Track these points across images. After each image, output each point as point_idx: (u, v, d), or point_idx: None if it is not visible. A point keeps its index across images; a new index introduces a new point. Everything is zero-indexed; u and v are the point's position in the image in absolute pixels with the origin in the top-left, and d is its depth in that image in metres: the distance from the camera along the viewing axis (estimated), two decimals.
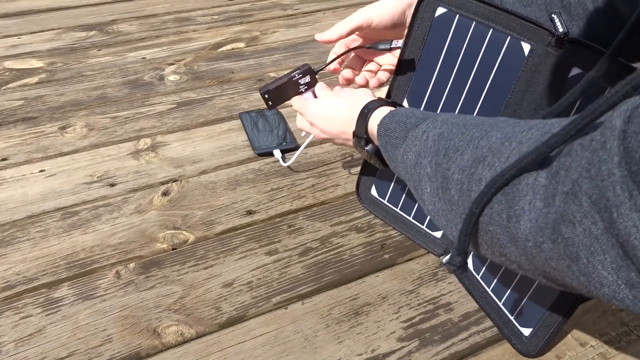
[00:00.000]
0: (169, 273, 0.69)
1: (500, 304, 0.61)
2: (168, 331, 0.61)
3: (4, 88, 1.10)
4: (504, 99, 0.59)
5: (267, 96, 0.69)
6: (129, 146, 0.93)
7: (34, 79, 1.13)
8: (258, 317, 0.63)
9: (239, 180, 0.85)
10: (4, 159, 0.89)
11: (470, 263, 0.66)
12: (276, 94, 0.70)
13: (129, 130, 0.97)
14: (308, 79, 0.69)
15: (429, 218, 0.71)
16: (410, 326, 0.62)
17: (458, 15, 0.59)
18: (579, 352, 0.60)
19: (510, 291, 0.60)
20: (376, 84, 0.71)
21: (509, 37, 0.56)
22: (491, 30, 0.57)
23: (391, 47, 0.64)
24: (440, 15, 0.60)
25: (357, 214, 0.78)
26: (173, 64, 1.20)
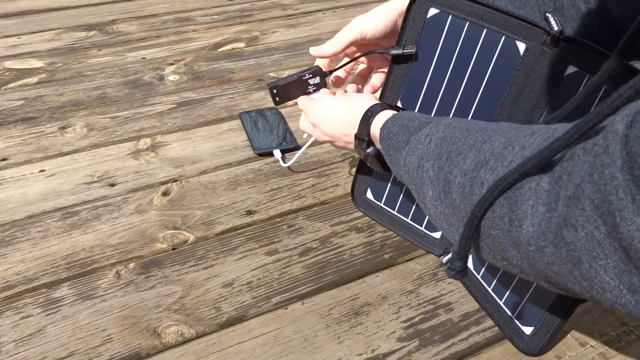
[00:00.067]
0: (169, 273, 0.69)
1: (501, 303, 0.61)
2: (168, 331, 0.61)
3: (4, 88, 1.10)
4: (500, 98, 0.58)
5: (275, 91, 0.69)
6: (129, 146, 0.93)
7: (34, 79, 1.13)
8: (258, 317, 0.63)
9: (239, 180, 0.85)
10: (4, 159, 0.89)
11: (470, 263, 0.66)
12: (284, 91, 0.70)
13: (129, 130, 0.97)
14: (318, 80, 0.69)
15: (427, 219, 0.71)
16: (410, 326, 0.62)
17: (451, 16, 0.58)
18: (579, 352, 0.60)
19: (510, 290, 0.60)
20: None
21: (504, 37, 0.56)
22: (485, 30, 0.57)
23: (404, 53, 0.62)
24: (432, 16, 0.60)
25: (357, 214, 0.78)
26: (173, 64, 1.20)
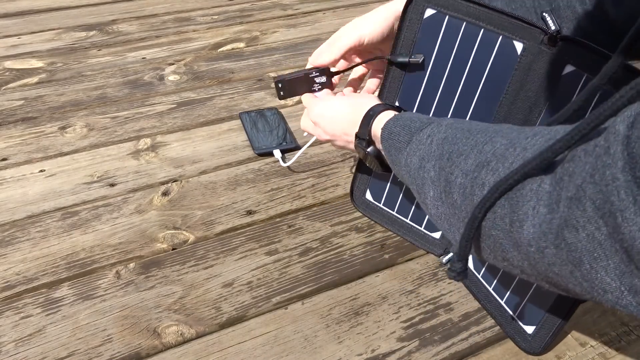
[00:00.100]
0: (169, 273, 0.69)
1: (502, 303, 0.61)
2: (168, 331, 0.61)
3: (4, 88, 1.10)
4: (498, 98, 0.58)
5: (281, 85, 0.69)
6: (129, 146, 0.93)
7: (34, 79, 1.13)
8: (258, 317, 0.63)
9: (239, 180, 0.85)
10: (4, 159, 0.89)
11: (470, 263, 0.66)
12: (289, 86, 0.69)
13: (129, 130, 0.97)
14: (324, 79, 0.69)
15: (426, 219, 0.71)
16: (410, 326, 0.62)
17: (448, 16, 0.58)
18: (579, 352, 0.60)
19: (511, 290, 0.60)
20: None
21: (501, 37, 0.56)
22: (482, 30, 0.56)
23: (410, 61, 0.62)
24: (429, 16, 0.60)
25: (357, 214, 0.78)
26: (173, 64, 1.20)
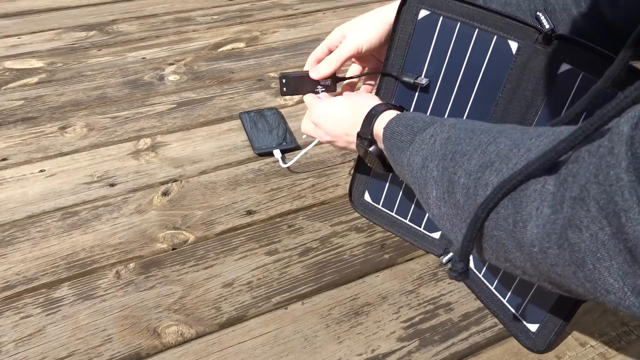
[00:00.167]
0: (169, 273, 0.69)
1: (504, 302, 0.61)
2: (168, 331, 0.61)
3: (4, 88, 1.10)
4: (495, 98, 0.58)
5: (285, 81, 0.69)
6: (129, 146, 0.93)
7: (34, 79, 1.13)
8: (258, 317, 0.63)
9: (239, 180, 0.85)
10: (4, 159, 0.89)
11: (471, 261, 0.66)
12: (293, 83, 0.69)
13: (129, 130, 0.97)
14: (328, 82, 0.69)
15: (426, 219, 0.71)
16: (410, 326, 0.62)
17: (442, 17, 0.58)
18: (579, 352, 0.60)
19: (514, 288, 0.60)
20: None
21: (496, 37, 0.56)
22: (477, 30, 0.56)
23: (414, 82, 0.62)
24: (423, 17, 0.59)
25: (357, 214, 0.78)
26: (173, 64, 1.20)
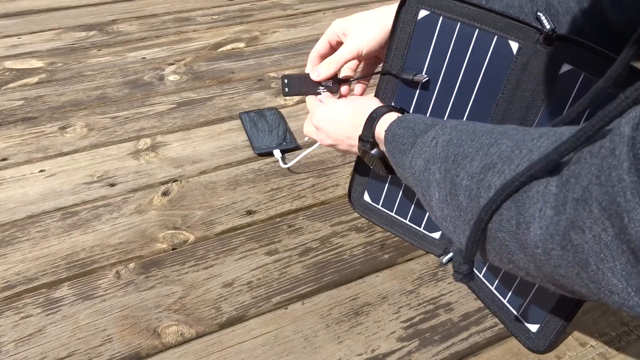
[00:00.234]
0: (169, 273, 0.69)
1: (505, 301, 0.61)
2: (168, 331, 0.61)
3: (4, 88, 1.10)
4: (495, 98, 0.58)
5: (287, 81, 0.69)
6: (129, 146, 0.93)
7: (34, 79, 1.13)
8: (258, 317, 0.63)
9: (239, 180, 0.85)
10: (4, 159, 0.89)
11: None
12: (295, 83, 0.69)
13: (129, 130, 0.97)
14: (330, 83, 0.69)
15: (425, 219, 0.71)
16: (410, 326, 0.62)
17: (442, 17, 0.58)
18: (579, 352, 0.60)
19: (514, 288, 0.60)
20: None
21: (496, 37, 0.55)
22: (477, 30, 0.56)
23: (413, 79, 0.62)
24: (423, 17, 0.59)
25: (357, 214, 0.78)
26: (173, 64, 1.20)
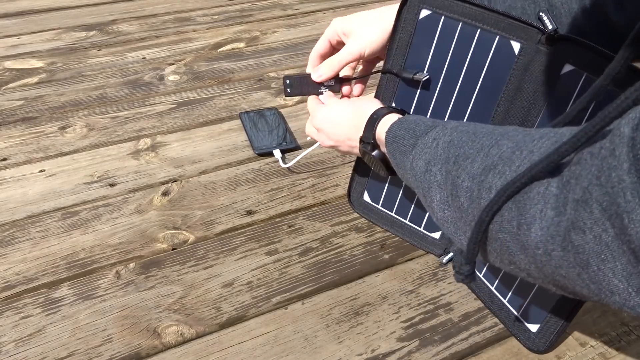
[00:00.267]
0: (169, 273, 0.69)
1: (505, 302, 0.61)
2: (168, 331, 0.61)
3: (4, 88, 1.10)
4: (496, 99, 0.58)
5: (288, 82, 0.69)
6: (129, 146, 0.93)
7: (34, 79, 1.13)
8: (258, 317, 0.63)
9: (239, 180, 0.85)
10: (4, 159, 0.89)
11: None
12: (297, 83, 0.69)
13: (129, 130, 0.97)
14: (332, 82, 0.69)
15: (425, 219, 0.71)
16: (410, 326, 0.62)
17: (443, 17, 0.58)
18: (579, 352, 0.60)
19: (514, 288, 0.60)
20: None
21: (498, 37, 0.55)
22: (479, 30, 0.56)
23: (413, 77, 0.62)
24: (424, 17, 0.59)
25: (357, 214, 0.78)
26: (173, 64, 1.20)
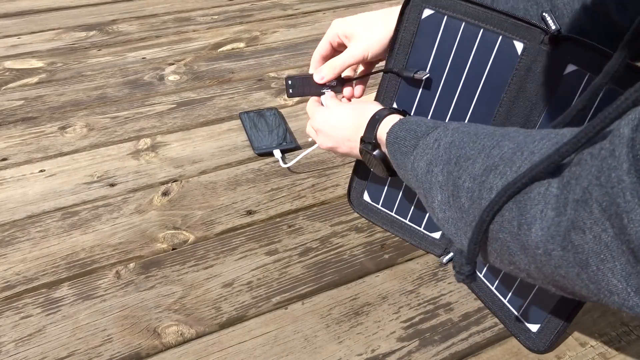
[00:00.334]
0: (169, 273, 0.69)
1: (505, 302, 0.61)
2: (168, 331, 0.61)
3: (4, 88, 1.10)
4: (498, 99, 0.58)
5: (290, 82, 0.69)
6: (129, 146, 0.93)
7: (34, 79, 1.13)
8: (258, 317, 0.63)
9: (239, 180, 0.85)
10: (4, 159, 0.89)
11: None
12: (299, 84, 0.70)
13: (129, 130, 0.97)
14: (334, 83, 0.69)
15: (426, 219, 0.71)
16: (410, 326, 0.62)
17: (446, 17, 0.58)
18: (579, 352, 0.60)
19: (514, 288, 0.60)
20: None
21: (501, 37, 0.55)
22: (482, 30, 0.56)
23: (414, 76, 0.62)
24: (427, 17, 0.59)
25: (357, 214, 0.78)
26: (173, 64, 1.20)
